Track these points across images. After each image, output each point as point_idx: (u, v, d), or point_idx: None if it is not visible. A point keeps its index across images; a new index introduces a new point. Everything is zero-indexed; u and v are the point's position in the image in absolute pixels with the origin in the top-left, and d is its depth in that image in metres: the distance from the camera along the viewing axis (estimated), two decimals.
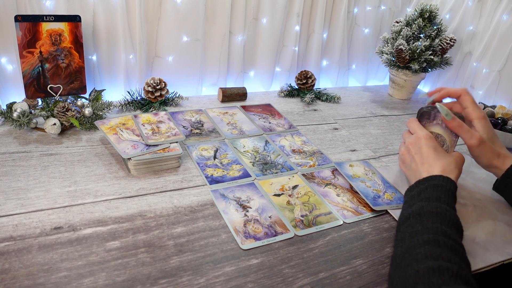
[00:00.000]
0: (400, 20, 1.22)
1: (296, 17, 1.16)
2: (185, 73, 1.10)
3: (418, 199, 0.61)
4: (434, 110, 0.76)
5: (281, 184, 0.76)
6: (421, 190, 0.62)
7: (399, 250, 0.53)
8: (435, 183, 0.62)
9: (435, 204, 0.57)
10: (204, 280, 0.53)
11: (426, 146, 0.69)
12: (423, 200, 0.59)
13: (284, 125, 0.99)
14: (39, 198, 0.64)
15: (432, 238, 0.51)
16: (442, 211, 0.56)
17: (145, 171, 0.74)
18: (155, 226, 0.61)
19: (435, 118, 0.76)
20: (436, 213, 0.55)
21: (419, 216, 0.56)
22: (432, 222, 0.54)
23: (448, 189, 0.61)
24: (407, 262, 0.49)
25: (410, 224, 0.56)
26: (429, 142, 0.69)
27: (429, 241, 0.50)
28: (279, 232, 0.63)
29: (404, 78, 1.22)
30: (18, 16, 0.80)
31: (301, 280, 0.55)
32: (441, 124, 0.75)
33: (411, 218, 0.57)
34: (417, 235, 0.52)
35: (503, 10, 1.09)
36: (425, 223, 0.54)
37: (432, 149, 0.68)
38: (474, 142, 0.70)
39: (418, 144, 0.70)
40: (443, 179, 0.62)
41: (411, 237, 0.53)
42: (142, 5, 0.95)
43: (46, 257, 0.53)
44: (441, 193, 0.60)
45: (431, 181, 0.63)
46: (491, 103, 1.14)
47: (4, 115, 0.81)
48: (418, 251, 0.49)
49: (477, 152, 0.71)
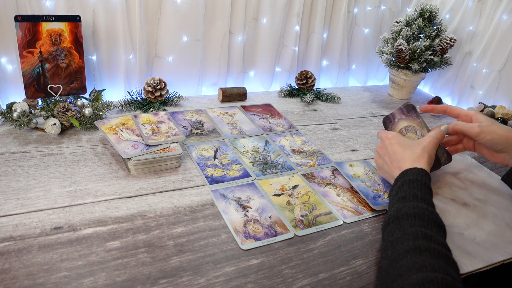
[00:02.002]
0: (400, 20, 1.22)
1: (296, 17, 1.16)
2: (185, 73, 1.10)
3: (396, 199, 0.60)
4: (391, 113, 0.81)
5: (281, 184, 0.76)
6: (398, 188, 0.62)
7: (383, 262, 0.52)
8: (409, 178, 0.62)
9: (412, 204, 0.57)
10: (204, 280, 0.53)
11: (390, 144, 0.70)
12: (400, 201, 0.59)
13: (284, 125, 0.99)
14: (39, 198, 0.64)
15: (412, 245, 0.50)
16: (420, 211, 0.55)
17: (145, 171, 0.74)
18: (155, 226, 0.61)
19: (395, 117, 0.80)
20: (414, 215, 0.55)
21: (397, 221, 0.56)
22: (411, 226, 0.53)
23: (424, 183, 0.60)
24: (392, 277, 0.48)
25: (390, 231, 0.55)
26: (392, 140, 0.71)
27: (410, 249, 0.50)
28: (279, 232, 0.63)
29: (404, 78, 1.22)
30: (18, 16, 0.80)
31: (301, 281, 0.55)
32: (404, 117, 0.78)
33: (391, 223, 0.56)
34: (398, 244, 0.52)
35: (503, 10, 1.09)
36: (404, 228, 0.54)
37: (397, 145, 0.69)
38: (476, 129, 0.70)
39: (384, 145, 0.72)
40: (417, 172, 0.62)
41: (393, 246, 0.52)
42: (142, 5, 0.95)
43: (46, 257, 0.53)
44: (417, 189, 0.59)
45: (405, 176, 0.63)
46: (491, 103, 1.14)
47: (4, 115, 0.81)
48: (401, 263, 0.49)
49: (487, 136, 0.69)
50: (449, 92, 1.30)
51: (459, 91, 1.25)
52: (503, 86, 1.12)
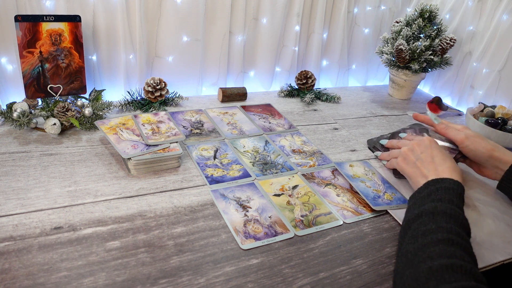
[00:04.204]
0: (400, 20, 1.22)
1: (296, 17, 1.16)
2: (185, 73, 1.10)
3: (429, 199, 0.61)
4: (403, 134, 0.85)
5: (281, 184, 0.76)
6: (432, 191, 0.62)
7: (410, 246, 0.53)
8: (446, 186, 0.62)
9: (448, 206, 0.58)
10: (204, 280, 0.53)
11: (432, 148, 0.72)
12: (435, 201, 0.60)
13: (284, 125, 0.99)
14: (39, 198, 0.64)
15: (446, 237, 0.51)
16: (455, 213, 0.56)
17: (145, 171, 0.74)
18: (155, 226, 0.61)
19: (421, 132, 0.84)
20: (450, 214, 0.56)
21: (432, 215, 0.56)
22: (446, 222, 0.54)
23: (459, 193, 0.61)
24: (420, 259, 0.49)
25: (423, 222, 0.56)
26: (435, 144, 0.73)
27: (443, 239, 0.51)
28: (279, 232, 0.63)
29: (404, 78, 1.22)
30: (18, 16, 0.80)
31: (301, 280, 0.55)
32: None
33: (424, 216, 0.57)
34: (431, 234, 0.53)
35: (503, 10, 1.09)
36: (439, 222, 0.55)
37: (438, 150, 0.71)
38: (462, 135, 0.75)
39: (424, 144, 0.73)
40: (454, 183, 0.63)
41: (425, 235, 0.53)
42: (142, 5, 0.95)
43: (46, 257, 0.53)
44: (453, 196, 0.60)
45: (442, 183, 0.63)
46: (491, 103, 1.14)
47: (4, 115, 0.81)
48: (433, 249, 0.50)
49: (470, 145, 0.74)
50: (449, 92, 1.30)
51: (459, 91, 1.25)
52: (503, 86, 1.12)
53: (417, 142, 0.74)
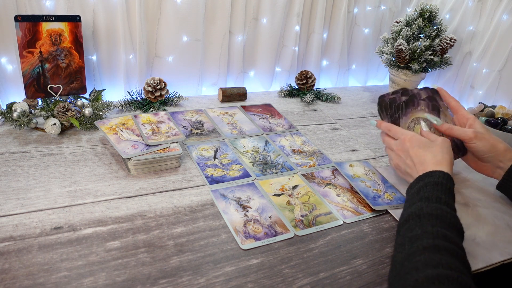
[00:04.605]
0: (400, 20, 1.22)
1: (296, 17, 1.16)
2: (185, 73, 1.10)
3: (417, 198, 0.60)
4: (416, 97, 0.82)
5: (281, 184, 0.76)
6: (421, 188, 0.62)
7: (399, 256, 0.52)
8: (434, 180, 0.61)
9: (435, 206, 0.57)
10: (204, 280, 0.53)
11: (411, 147, 0.70)
12: (422, 200, 0.59)
13: (284, 125, 0.99)
14: (39, 198, 0.64)
15: (431, 243, 0.50)
16: (443, 213, 0.55)
17: (145, 171, 0.74)
18: (155, 226, 0.61)
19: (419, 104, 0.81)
20: (436, 216, 0.55)
21: (418, 219, 0.55)
22: (432, 226, 0.53)
23: (448, 188, 0.60)
24: (406, 270, 0.48)
25: (410, 227, 0.55)
26: (413, 142, 0.70)
27: (429, 247, 0.50)
28: (279, 232, 0.63)
29: (404, 78, 1.22)
30: (18, 16, 0.80)
31: (301, 280, 0.55)
32: (418, 108, 0.80)
33: (411, 220, 0.56)
34: (417, 240, 0.52)
35: (503, 10, 1.09)
36: (425, 227, 0.54)
37: (417, 147, 0.69)
38: (470, 134, 0.72)
39: (404, 148, 0.71)
40: (442, 176, 0.62)
41: (411, 242, 0.52)
42: (142, 5, 0.95)
43: (46, 257, 0.53)
44: (441, 192, 0.59)
45: (430, 178, 0.62)
46: (491, 103, 1.14)
47: (4, 115, 0.81)
48: (418, 258, 0.49)
49: (479, 142, 0.71)
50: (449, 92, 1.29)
51: (459, 91, 1.25)
52: (503, 86, 1.12)
53: (399, 147, 0.72)
